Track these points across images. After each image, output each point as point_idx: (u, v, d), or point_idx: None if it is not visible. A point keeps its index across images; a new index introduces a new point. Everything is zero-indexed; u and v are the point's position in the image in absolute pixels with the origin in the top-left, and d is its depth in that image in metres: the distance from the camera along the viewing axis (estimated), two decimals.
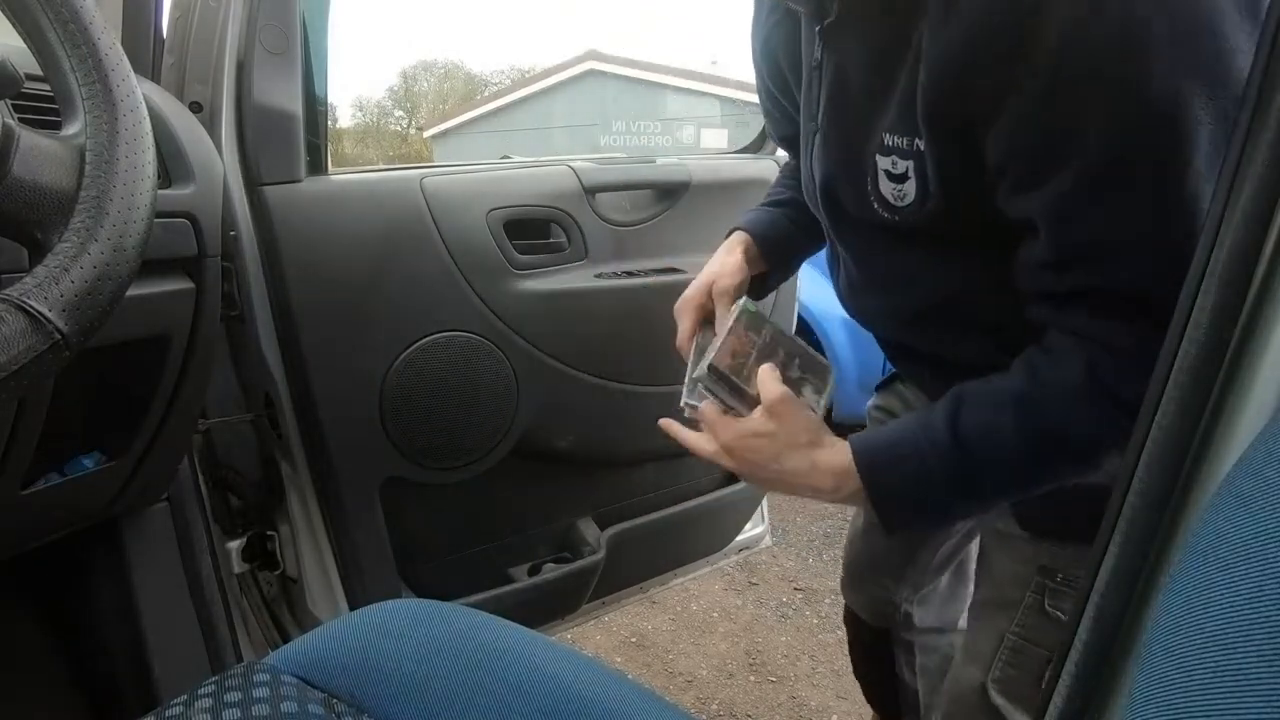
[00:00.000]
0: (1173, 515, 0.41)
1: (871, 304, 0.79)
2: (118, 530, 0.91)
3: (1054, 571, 0.75)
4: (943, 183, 0.61)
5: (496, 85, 24.19)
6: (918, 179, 0.63)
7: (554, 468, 1.24)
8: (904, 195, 0.65)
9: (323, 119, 1.02)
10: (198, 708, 0.53)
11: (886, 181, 0.66)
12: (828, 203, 0.75)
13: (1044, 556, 0.75)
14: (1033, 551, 0.76)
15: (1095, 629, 0.44)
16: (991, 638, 0.80)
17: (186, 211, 0.77)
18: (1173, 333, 0.41)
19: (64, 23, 0.48)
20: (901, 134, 0.63)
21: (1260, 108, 0.37)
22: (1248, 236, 0.37)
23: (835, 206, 0.74)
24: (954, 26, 0.54)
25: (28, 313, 0.41)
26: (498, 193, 1.10)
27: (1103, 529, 0.44)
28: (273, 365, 0.98)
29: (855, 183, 0.69)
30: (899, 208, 0.66)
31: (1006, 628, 0.79)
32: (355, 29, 29.38)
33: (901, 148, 0.63)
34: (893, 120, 0.63)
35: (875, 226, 0.69)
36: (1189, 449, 0.40)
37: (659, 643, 1.93)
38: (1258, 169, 0.37)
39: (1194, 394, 0.40)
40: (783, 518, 2.64)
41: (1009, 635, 0.78)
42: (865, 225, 0.71)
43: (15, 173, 0.44)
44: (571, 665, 0.60)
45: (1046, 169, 0.54)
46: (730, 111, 11.34)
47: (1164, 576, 0.41)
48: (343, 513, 1.05)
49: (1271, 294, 0.37)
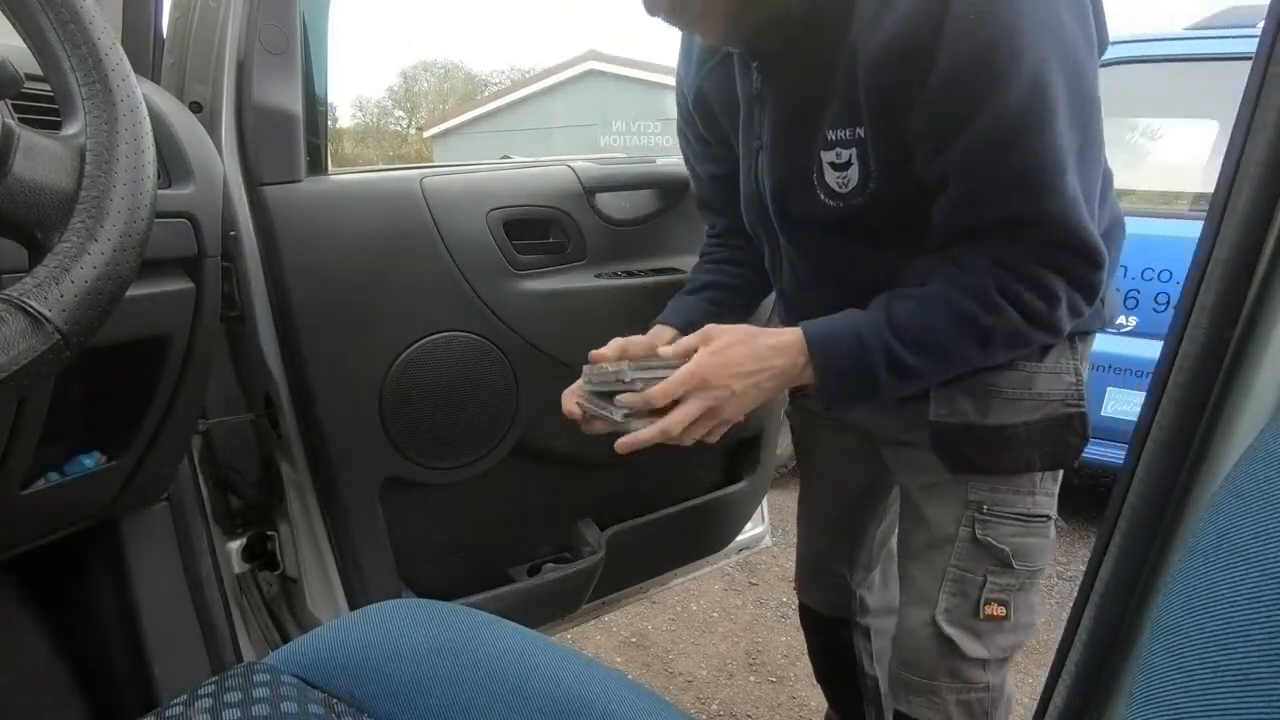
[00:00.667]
0: (1173, 515, 0.41)
1: (815, 295, 0.91)
2: (118, 530, 0.91)
3: (980, 504, 0.88)
4: (881, 164, 0.76)
5: (496, 85, 24.18)
6: (860, 164, 0.77)
7: (554, 468, 1.23)
8: (848, 181, 0.79)
9: (323, 119, 1.02)
10: (198, 708, 0.53)
11: (831, 172, 0.80)
12: (777, 207, 0.87)
13: (970, 492, 0.88)
14: (960, 490, 0.88)
15: (1095, 629, 0.44)
16: (934, 576, 0.91)
17: (186, 211, 0.77)
18: (1173, 333, 0.41)
19: (64, 23, 0.48)
20: (844, 126, 0.77)
21: (1260, 108, 0.37)
22: (1248, 236, 0.37)
23: (784, 208, 0.87)
24: (880, 34, 0.70)
25: (28, 313, 0.41)
26: (498, 193, 1.10)
27: (1103, 529, 0.44)
28: (273, 365, 0.98)
29: (803, 180, 0.82)
30: (843, 194, 0.80)
31: (946, 563, 0.90)
32: (355, 29, 29.36)
33: (844, 139, 0.77)
34: (834, 117, 0.77)
35: (822, 220, 0.83)
36: (1189, 449, 0.40)
37: (659, 643, 1.93)
38: (1257, 169, 0.37)
39: (1194, 394, 0.40)
40: (783, 518, 2.64)
41: (950, 568, 0.90)
42: (814, 221, 0.84)
43: (15, 173, 0.44)
44: (571, 665, 0.60)
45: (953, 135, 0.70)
46: None
47: (1164, 576, 0.41)
48: (343, 513, 1.05)
49: (1271, 294, 0.37)
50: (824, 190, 0.81)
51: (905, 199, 0.77)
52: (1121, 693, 0.43)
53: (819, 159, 0.80)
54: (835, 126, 0.77)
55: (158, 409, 0.80)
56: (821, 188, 0.81)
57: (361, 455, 1.03)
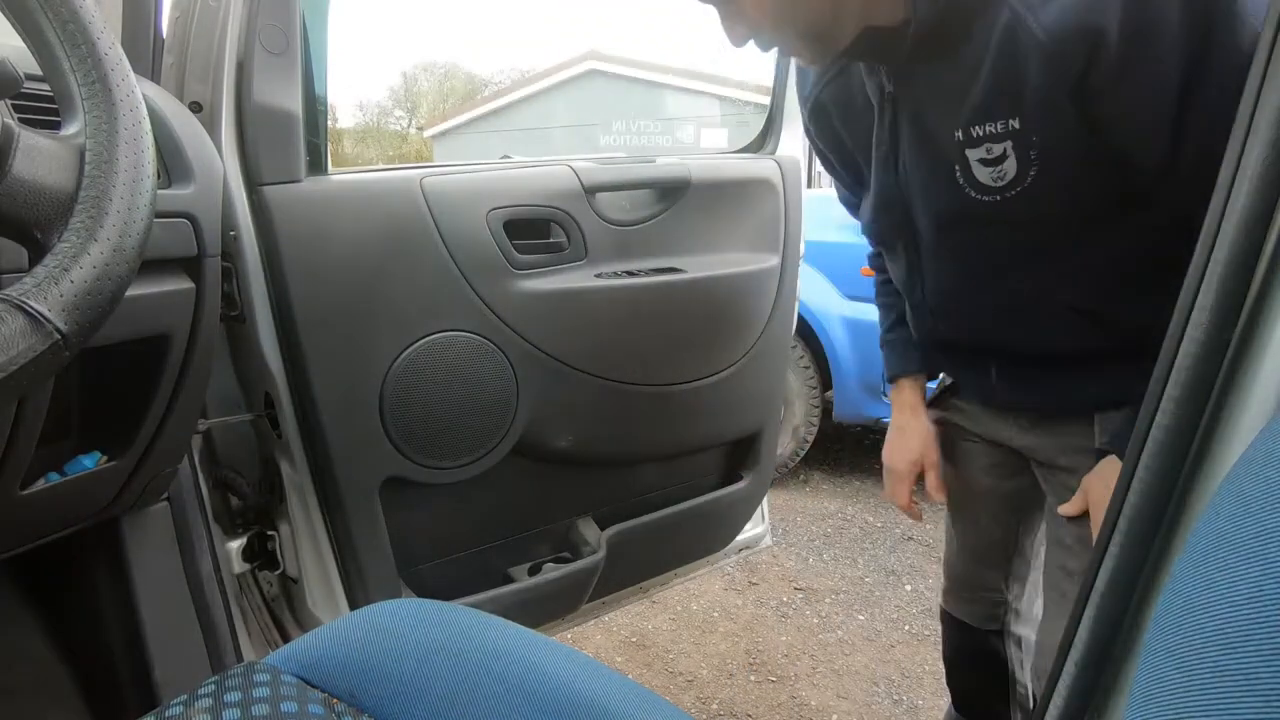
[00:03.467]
0: (1173, 515, 0.41)
1: (963, 305, 0.89)
2: (118, 530, 0.91)
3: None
4: (1045, 152, 0.72)
5: (496, 85, 24.15)
6: (1017, 155, 0.74)
7: (554, 468, 1.24)
8: (1004, 174, 0.75)
9: (323, 119, 1.02)
10: (198, 708, 0.53)
11: (982, 168, 0.76)
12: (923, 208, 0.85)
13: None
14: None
15: (1095, 629, 0.44)
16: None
17: (186, 211, 0.77)
18: (1173, 333, 0.41)
19: (64, 23, 0.48)
20: (992, 121, 0.73)
21: (1260, 108, 0.37)
22: (1248, 236, 0.37)
23: (930, 209, 0.84)
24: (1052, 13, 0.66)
25: (27, 313, 0.41)
26: (498, 192, 1.09)
27: (1103, 529, 0.44)
28: (273, 365, 0.98)
29: (947, 179, 0.79)
30: (998, 187, 0.76)
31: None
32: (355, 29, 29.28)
33: (995, 133, 0.74)
34: (978, 113, 0.74)
35: (971, 220, 0.80)
36: (1189, 449, 0.40)
37: (659, 643, 1.93)
38: (1257, 169, 0.37)
39: (1194, 394, 0.40)
40: (783, 518, 2.64)
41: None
42: (961, 221, 0.82)
43: (15, 173, 0.44)
44: (571, 665, 0.60)
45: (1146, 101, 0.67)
46: (730, 111, 11.33)
47: (1164, 576, 0.41)
48: (343, 513, 1.05)
49: (1271, 294, 0.37)
50: (973, 186, 0.78)
51: (1075, 183, 0.74)
52: (1121, 693, 0.43)
53: (963, 157, 0.77)
54: (979, 121, 0.75)
55: (158, 409, 0.80)
56: (970, 184, 0.78)
57: (361, 455, 1.03)
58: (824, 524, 2.61)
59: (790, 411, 2.80)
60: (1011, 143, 0.74)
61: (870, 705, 1.72)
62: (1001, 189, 0.76)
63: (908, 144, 0.83)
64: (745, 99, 10.09)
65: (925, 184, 0.83)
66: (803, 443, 2.86)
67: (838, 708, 1.70)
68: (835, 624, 2.02)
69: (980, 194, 0.78)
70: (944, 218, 0.84)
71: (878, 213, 0.92)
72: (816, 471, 3.05)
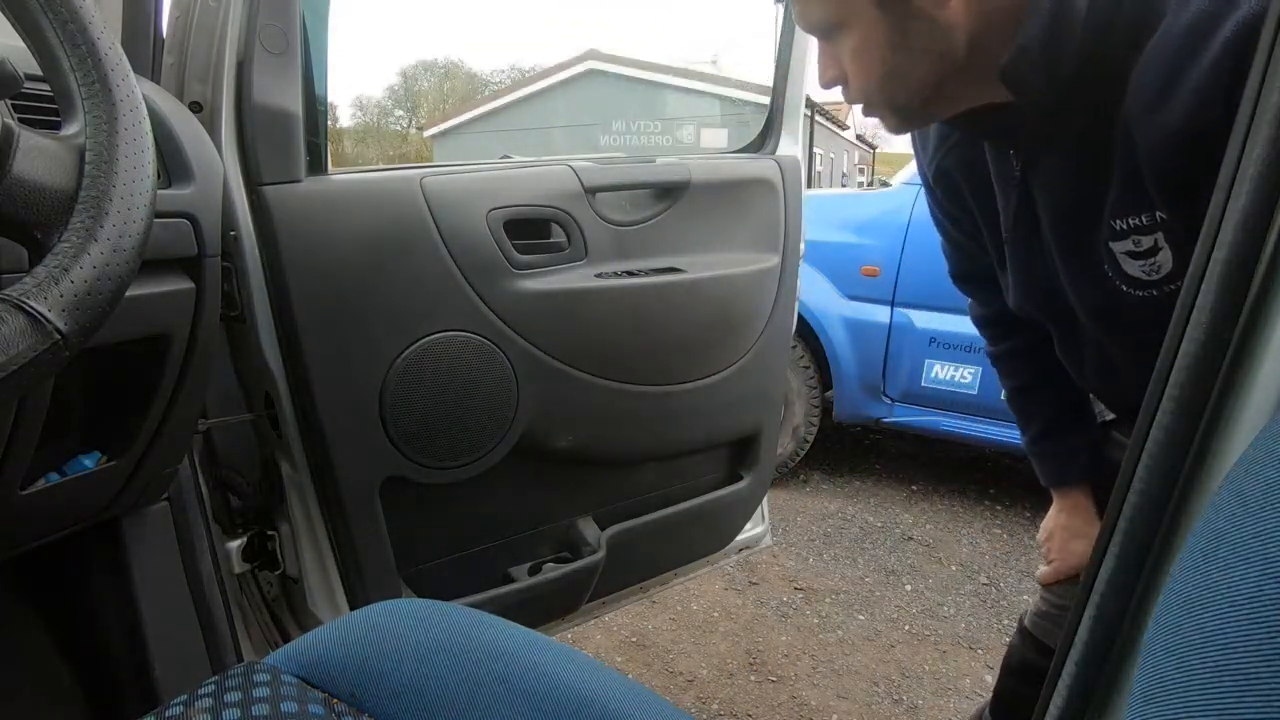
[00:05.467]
0: (1173, 515, 0.41)
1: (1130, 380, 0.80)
2: (118, 530, 0.91)
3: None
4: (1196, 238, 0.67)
5: (496, 85, 24.15)
6: (1171, 246, 0.67)
7: (554, 468, 1.24)
8: (1159, 267, 0.69)
9: (323, 119, 1.02)
10: (198, 708, 0.53)
11: (1131, 261, 0.70)
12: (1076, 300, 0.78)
13: None
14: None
15: (1095, 629, 0.44)
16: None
17: (186, 211, 0.77)
18: (1173, 333, 0.41)
19: (64, 23, 0.48)
20: (1134, 214, 0.67)
21: (1260, 108, 0.37)
22: (1248, 236, 0.37)
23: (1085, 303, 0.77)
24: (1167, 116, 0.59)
25: (27, 313, 0.41)
26: (498, 192, 1.09)
27: (1103, 529, 0.44)
28: (273, 365, 0.98)
29: (1095, 274, 0.73)
30: (1155, 280, 0.69)
31: None
32: (355, 29, 29.32)
33: (1141, 225, 0.67)
34: (1117, 207, 0.67)
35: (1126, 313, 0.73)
36: (1189, 449, 0.40)
37: (659, 643, 1.93)
38: (1257, 169, 0.37)
39: (1194, 394, 0.40)
40: (783, 518, 2.64)
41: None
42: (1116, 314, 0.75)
43: (15, 173, 0.44)
44: (571, 665, 0.60)
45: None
46: (730, 111, 11.34)
47: (1164, 576, 0.41)
48: (343, 513, 1.05)
49: (1271, 294, 0.37)
50: (1125, 281, 0.71)
51: None
52: (1121, 692, 0.43)
53: (1108, 250, 0.71)
54: (1122, 214, 0.68)
55: (158, 409, 0.80)
56: (1121, 278, 0.71)
57: (361, 455, 1.03)
58: (824, 524, 2.61)
59: (790, 411, 2.80)
60: (1163, 234, 0.67)
61: (870, 705, 1.72)
62: (1158, 282, 0.70)
63: (1047, 228, 0.77)
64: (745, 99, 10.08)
65: (1072, 275, 0.76)
66: (803, 443, 2.86)
67: (838, 708, 1.70)
68: (835, 624, 2.02)
69: (1133, 288, 0.71)
70: (1096, 312, 0.78)
71: (1023, 298, 0.86)
72: (816, 471, 3.05)
